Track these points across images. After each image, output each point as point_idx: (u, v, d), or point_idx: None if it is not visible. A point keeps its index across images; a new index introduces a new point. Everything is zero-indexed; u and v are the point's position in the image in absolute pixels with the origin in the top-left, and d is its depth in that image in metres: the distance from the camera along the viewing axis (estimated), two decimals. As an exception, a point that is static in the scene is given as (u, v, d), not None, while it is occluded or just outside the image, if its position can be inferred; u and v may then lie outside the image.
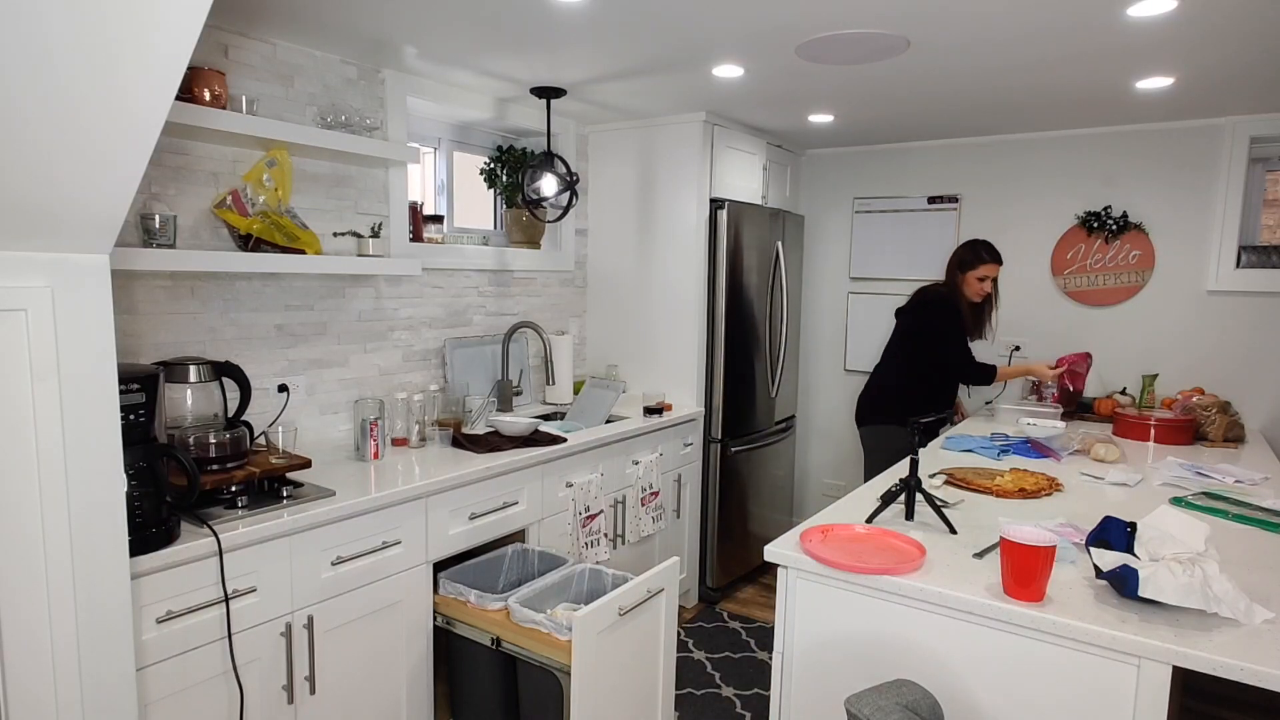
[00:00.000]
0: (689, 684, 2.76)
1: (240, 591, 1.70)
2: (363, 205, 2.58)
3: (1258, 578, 1.50)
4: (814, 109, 3.13)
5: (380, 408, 2.34)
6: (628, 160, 3.42)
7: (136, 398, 1.53)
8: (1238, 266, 3.15)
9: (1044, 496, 2.04)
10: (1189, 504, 1.98)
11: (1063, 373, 3.16)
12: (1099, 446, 2.46)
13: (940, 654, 1.43)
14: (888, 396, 3.09)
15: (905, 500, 1.81)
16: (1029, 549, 1.34)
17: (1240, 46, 2.21)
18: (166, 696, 1.59)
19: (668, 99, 2.97)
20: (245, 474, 1.84)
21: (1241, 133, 3.09)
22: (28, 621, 1.24)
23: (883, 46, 2.24)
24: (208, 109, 1.93)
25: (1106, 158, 3.38)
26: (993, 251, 3.02)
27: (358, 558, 1.94)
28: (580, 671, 1.80)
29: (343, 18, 2.09)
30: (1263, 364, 3.15)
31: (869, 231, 3.99)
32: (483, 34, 2.20)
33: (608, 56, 2.42)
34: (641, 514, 2.97)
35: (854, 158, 4.02)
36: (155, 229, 1.95)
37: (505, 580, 2.35)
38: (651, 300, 3.42)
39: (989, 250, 3.02)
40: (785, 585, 1.61)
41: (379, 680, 2.03)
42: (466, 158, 3.23)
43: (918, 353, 3.07)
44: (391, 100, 2.60)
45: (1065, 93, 2.78)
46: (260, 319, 2.31)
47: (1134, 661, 1.25)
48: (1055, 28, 2.07)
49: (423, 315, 2.83)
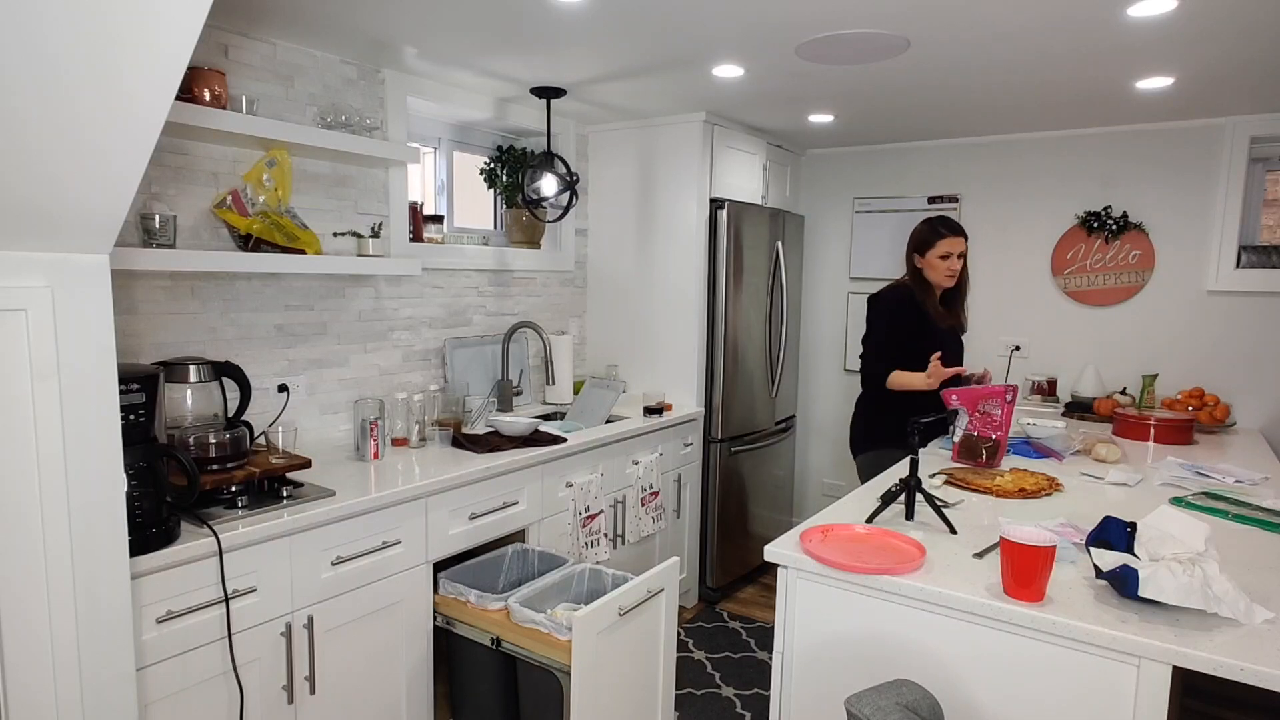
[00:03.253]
0: (689, 684, 2.76)
1: (240, 591, 1.70)
2: (363, 205, 2.58)
3: (1258, 578, 1.50)
4: (814, 109, 3.13)
5: (380, 408, 2.34)
6: (628, 160, 3.42)
7: (136, 398, 1.53)
8: (1238, 266, 3.15)
9: (1044, 496, 2.04)
10: (1189, 504, 1.98)
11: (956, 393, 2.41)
12: (1099, 446, 2.46)
13: (940, 654, 1.43)
14: (873, 419, 2.75)
15: (905, 500, 1.81)
16: (1029, 549, 1.34)
17: (1240, 46, 2.21)
18: (166, 696, 1.59)
19: (667, 99, 2.97)
20: (245, 474, 1.84)
21: (1241, 133, 3.09)
22: (28, 621, 1.24)
23: (883, 46, 2.24)
24: (208, 109, 1.93)
25: (1106, 158, 3.38)
26: (951, 224, 2.65)
27: (358, 558, 1.94)
28: (580, 671, 1.80)
29: (343, 18, 2.09)
30: (1263, 364, 3.15)
31: (869, 231, 3.99)
32: (483, 34, 2.20)
33: (608, 56, 2.42)
34: (641, 514, 2.97)
35: (854, 158, 4.02)
36: (155, 229, 1.95)
37: (505, 580, 2.34)
38: (651, 300, 3.42)
39: (946, 223, 2.65)
40: (785, 585, 1.61)
41: (379, 680, 2.03)
42: (466, 158, 3.23)
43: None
44: (391, 100, 2.60)
45: (1065, 93, 2.78)
46: (260, 319, 2.31)
47: (1134, 661, 1.25)
48: (1055, 28, 2.07)
49: (423, 315, 2.83)
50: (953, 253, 2.64)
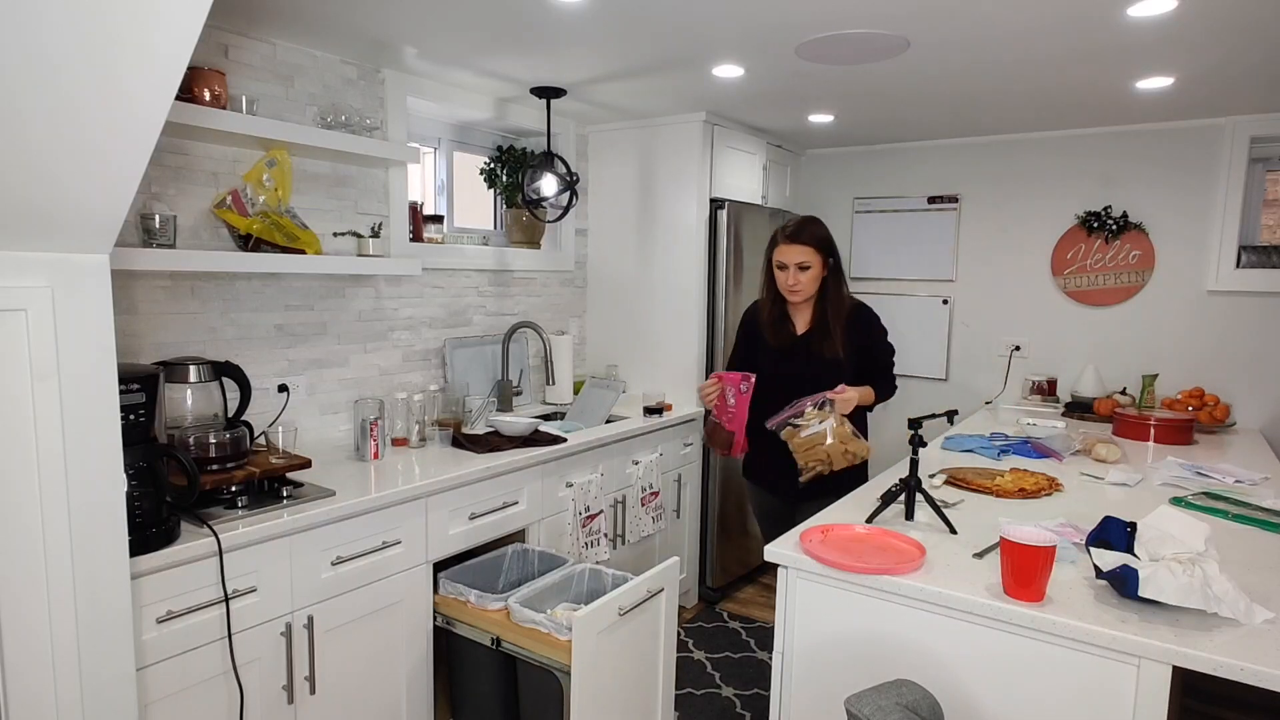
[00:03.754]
0: (689, 684, 2.76)
1: (240, 591, 1.70)
2: (363, 205, 2.58)
3: (1258, 578, 1.50)
4: (814, 109, 3.13)
5: (380, 408, 2.34)
6: (628, 160, 3.42)
7: (136, 398, 1.53)
8: (1238, 266, 3.15)
9: (1044, 496, 2.04)
10: (1189, 504, 1.98)
11: (716, 394, 2.23)
12: (1099, 446, 2.46)
13: (940, 654, 1.43)
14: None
15: (905, 500, 1.81)
16: (1029, 549, 1.34)
17: (1240, 46, 2.21)
18: (166, 696, 1.59)
19: (667, 99, 2.97)
20: (245, 474, 1.84)
21: (1241, 133, 3.09)
22: (28, 621, 1.24)
23: (883, 46, 2.24)
24: (208, 109, 1.93)
25: (1106, 158, 3.38)
26: (790, 230, 2.23)
27: (358, 558, 1.94)
28: (580, 671, 1.80)
29: (343, 18, 2.09)
30: (1263, 364, 3.15)
31: (869, 231, 3.99)
32: (483, 34, 2.20)
33: (608, 56, 2.41)
34: (641, 514, 2.97)
35: (854, 158, 4.02)
36: (155, 229, 1.95)
37: (505, 580, 2.34)
38: (651, 300, 3.42)
39: (784, 228, 2.26)
40: (785, 585, 1.61)
41: (379, 680, 2.03)
42: (466, 158, 3.23)
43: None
44: (391, 100, 2.60)
45: (1065, 93, 2.77)
46: (260, 319, 2.31)
47: (1134, 661, 1.25)
48: (1055, 28, 2.07)
49: (423, 315, 2.83)
50: (787, 263, 2.24)
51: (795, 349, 2.33)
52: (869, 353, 2.32)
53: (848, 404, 2.10)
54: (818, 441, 2.03)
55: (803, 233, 2.23)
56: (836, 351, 2.25)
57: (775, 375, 2.30)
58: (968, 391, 3.76)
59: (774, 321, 2.36)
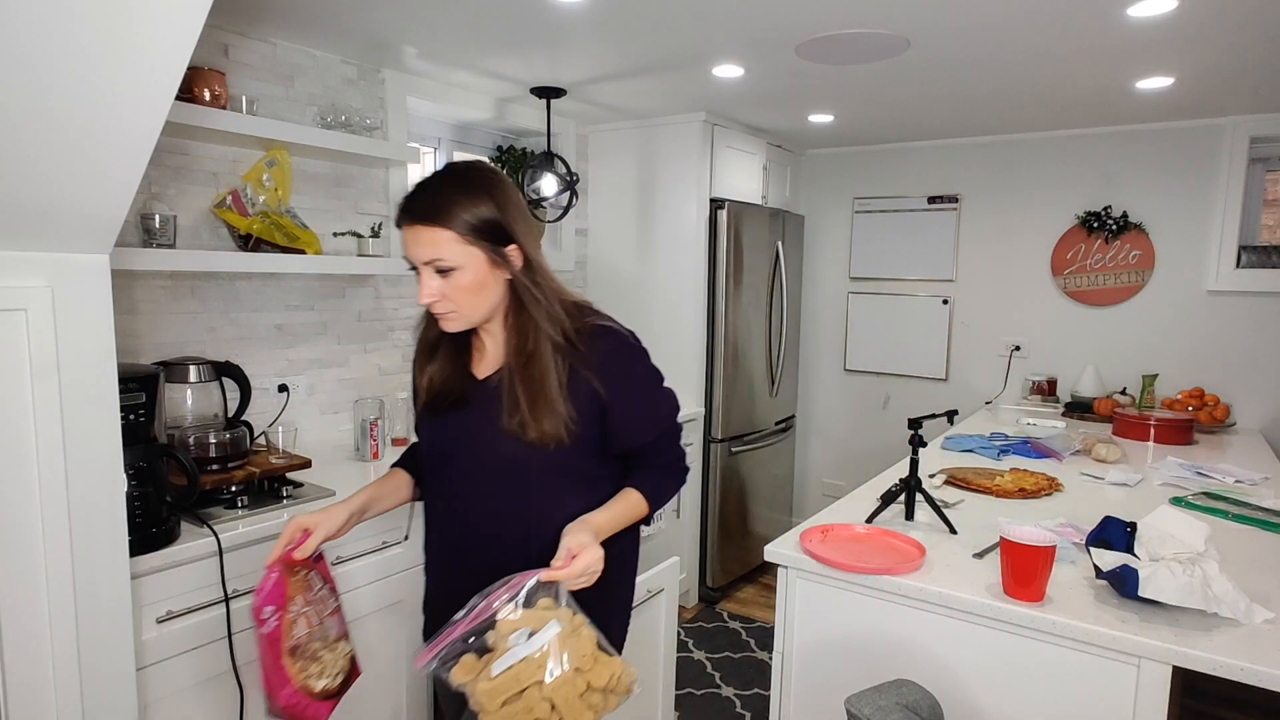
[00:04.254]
0: (689, 684, 2.76)
1: (241, 591, 1.70)
2: (363, 205, 2.58)
3: (1258, 578, 1.50)
4: (814, 109, 3.13)
5: (380, 407, 2.34)
6: (628, 160, 3.42)
7: (136, 398, 1.53)
8: (1238, 266, 3.15)
9: (1044, 496, 2.04)
10: (1189, 504, 1.98)
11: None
12: (1099, 446, 2.46)
13: (940, 654, 1.43)
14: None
15: (905, 500, 1.81)
16: (1029, 549, 1.33)
17: (1240, 46, 2.21)
18: (166, 696, 1.59)
19: (667, 99, 2.97)
20: (245, 474, 1.84)
21: (1241, 133, 3.09)
22: (28, 621, 1.24)
23: (883, 46, 2.24)
24: (208, 109, 1.93)
25: (1106, 158, 3.38)
26: (408, 205, 1.24)
27: (358, 558, 1.94)
28: (580, 671, 1.79)
29: (343, 18, 2.09)
30: (1263, 364, 3.15)
31: (869, 231, 3.99)
32: (483, 34, 2.20)
33: (607, 56, 2.41)
34: (641, 514, 2.96)
35: (854, 158, 4.02)
36: (155, 229, 1.95)
37: (505, 580, 2.34)
38: (651, 300, 3.42)
39: (405, 198, 1.27)
40: (785, 585, 1.61)
41: (379, 680, 2.03)
42: (467, 158, 3.23)
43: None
44: (391, 100, 2.60)
45: (1065, 93, 2.77)
46: (260, 319, 2.31)
47: (1134, 661, 1.25)
48: (1055, 28, 2.07)
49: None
50: (414, 259, 1.23)
51: (469, 418, 1.27)
52: (626, 418, 1.28)
53: (584, 576, 1.13)
54: (528, 680, 1.05)
55: (435, 207, 1.18)
56: (555, 429, 1.20)
57: (435, 481, 1.31)
58: (968, 391, 3.76)
59: (433, 355, 1.31)
